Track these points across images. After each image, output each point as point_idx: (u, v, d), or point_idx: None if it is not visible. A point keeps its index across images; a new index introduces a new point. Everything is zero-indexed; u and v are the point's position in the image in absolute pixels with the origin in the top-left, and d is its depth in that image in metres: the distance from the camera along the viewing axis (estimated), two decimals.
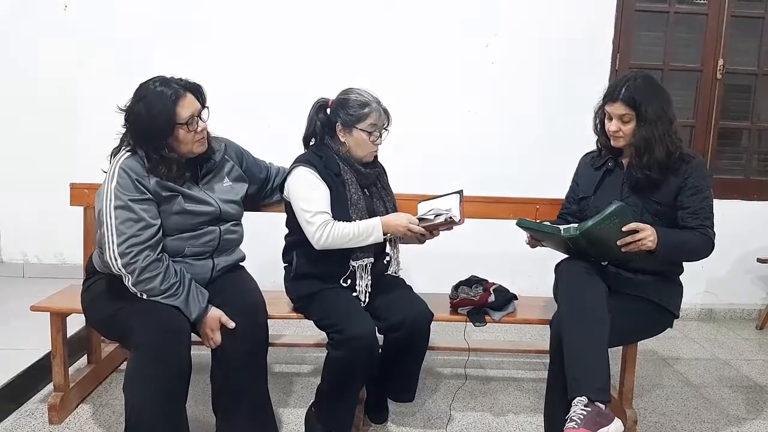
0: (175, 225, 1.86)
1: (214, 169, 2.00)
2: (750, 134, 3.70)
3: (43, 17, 3.45)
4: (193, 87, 1.87)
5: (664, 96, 1.99)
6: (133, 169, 1.78)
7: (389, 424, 2.26)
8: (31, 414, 2.23)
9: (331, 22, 3.43)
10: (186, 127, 1.81)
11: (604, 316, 1.87)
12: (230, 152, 2.08)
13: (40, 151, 3.52)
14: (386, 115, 2.07)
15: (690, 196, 1.98)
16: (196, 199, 1.90)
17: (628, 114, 1.96)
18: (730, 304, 3.73)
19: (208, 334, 1.83)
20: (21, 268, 3.64)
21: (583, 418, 1.70)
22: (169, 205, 1.84)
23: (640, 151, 1.97)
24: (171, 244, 1.85)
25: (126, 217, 1.74)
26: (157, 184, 1.80)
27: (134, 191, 1.76)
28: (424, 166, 3.36)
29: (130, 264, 1.73)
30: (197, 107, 1.85)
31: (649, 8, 3.54)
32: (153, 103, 1.77)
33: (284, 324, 3.09)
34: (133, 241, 1.73)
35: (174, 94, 1.79)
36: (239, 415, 1.87)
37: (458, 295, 2.30)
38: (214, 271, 1.97)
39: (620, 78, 2.04)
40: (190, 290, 1.81)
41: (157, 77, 1.84)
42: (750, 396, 2.64)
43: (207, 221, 1.93)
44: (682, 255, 2.02)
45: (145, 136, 1.80)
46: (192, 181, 1.93)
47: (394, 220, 2.00)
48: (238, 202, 2.04)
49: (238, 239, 2.07)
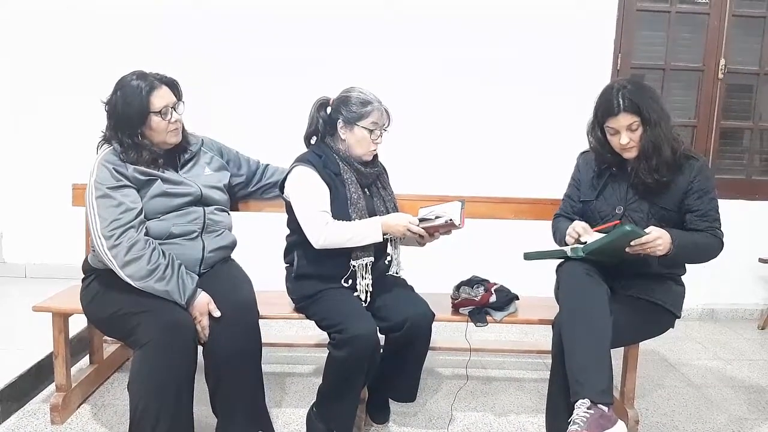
0: (157, 207, 1.91)
1: (193, 159, 2.07)
2: (752, 134, 3.69)
3: (47, 21, 3.46)
4: (170, 81, 1.98)
5: (656, 94, 1.99)
6: (110, 161, 1.88)
7: (391, 424, 2.26)
8: (34, 414, 2.24)
9: (331, 23, 3.43)
10: (160, 116, 1.90)
11: (606, 318, 1.87)
12: (208, 146, 2.16)
13: (42, 151, 3.53)
14: (387, 114, 2.07)
15: (697, 199, 1.97)
16: (175, 182, 1.97)
17: (635, 122, 1.92)
18: (731, 304, 3.73)
19: (197, 317, 1.84)
20: (23, 269, 3.65)
21: (586, 420, 1.69)
22: (149, 188, 1.91)
23: (647, 153, 1.95)
24: (156, 226, 1.90)
25: (107, 204, 1.82)
26: (135, 170, 1.89)
27: (112, 180, 1.85)
28: (426, 167, 3.37)
29: (115, 246, 1.78)
30: (172, 99, 1.95)
31: (651, 8, 3.54)
32: (128, 93, 1.89)
33: (285, 324, 3.09)
34: (116, 224, 1.80)
35: (149, 86, 1.90)
36: (235, 415, 1.88)
37: (460, 295, 2.30)
38: (205, 252, 1.99)
39: (607, 90, 1.98)
40: (179, 274, 1.84)
41: (136, 71, 1.95)
42: (752, 396, 2.63)
43: (189, 202, 1.98)
44: (695, 257, 2.01)
45: (120, 123, 1.90)
46: (172, 168, 2.00)
47: (394, 220, 2.00)
48: (221, 188, 2.10)
49: (226, 223, 2.10)
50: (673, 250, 1.87)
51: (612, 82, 2.03)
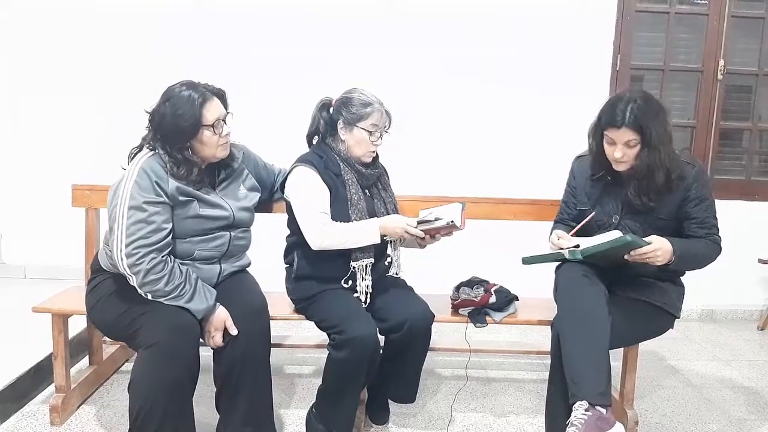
0: (187, 229, 1.86)
1: (232, 176, 2.01)
2: (751, 135, 3.69)
3: (47, 21, 3.46)
4: (219, 92, 1.90)
5: (663, 113, 1.93)
6: (154, 171, 1.79)
7: (390, 425, 2.26)
8: (33, 415, 2.23)
9: (331, 23, 3.43)
10: (212, 130, 1.82)
11: (604, 319, 1.86)
12: (247, 161, 2.09)
13: (42, 152, 3.53)
14: (388, 116, 2.08)
15: (695, 206, 1.97)
16: (212, 204, 1.90)
17: (634, 139, 1.88)
18: (731, 305, 3.73)
19: (211, 332, 1.83)
20: (23, 270, 3.65)
21: (584, 422, 1.69)
22: (184, 209, 1.84)
23: (640, 175, 1.92)
24: (181, 247, 1.86)
25: (138, 218, 1.74)
26: (177, 189, 1.81)
27: (151, 193, 1.77)
28: (426, 168, 3.37)
29: (136, 265, 1.73)
30: (222, 111, 1.88)
31: (650, 9, 3.55)
32: (179, 104, 1.79)
33: (285, 325, 3.09)
34: (141, 243, 1.73)
35: (201, 97, 1.81)
36: (237, 416, 1.88)
37: (459, 296, 2.30)
38: (220, 276, 1.98)
39: (616, 99, 1.94)
40: (196, 288, 1.81)
41: (185, 81, 1.86)
42: (751, 397, 2.63)
43: (220, 227, 1.93)
44: (694, 265, 2.01)
45: (170, 136, 1.81)
46: (209, 186, 1.94)
47: (392, 222, 2.00)
48: (250, 209, 2.06)
49: (246, 245, 2.08)
50: (673, 261, 1.88)
51: (624, 92, 1.97)
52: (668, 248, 1.86)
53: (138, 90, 1.93)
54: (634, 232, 1.94)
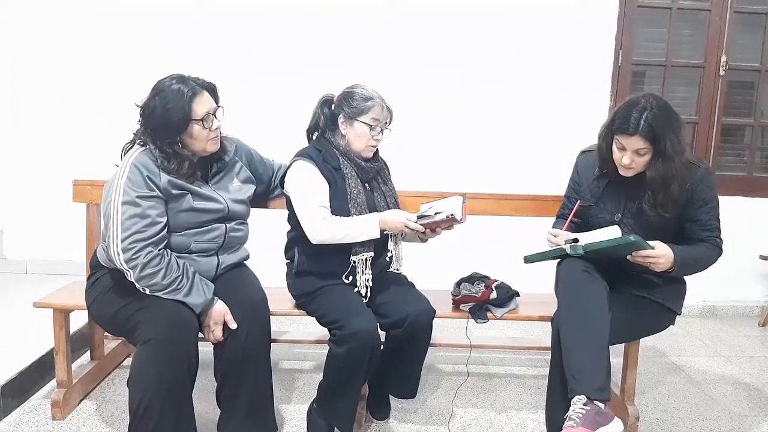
0: (182, 222, 1.86)
1: (225, 169, 2.01)
2: (753, 131, 3.68)
3: (47, 21, 3.45)
4: (209, 86, 1.89)
5: (678, 123, 1.88)
6: (145, 166, 1.79)
7: (391, 420, 2.27)
8: (35, 410, 2.24)
9: (332, 23, 3.42)
10: (201, 124, 1.82)
11: (604, 315, 1.87)
12: (240, 153, 2.09)
13: (42, 148, 3.53)
14: (389, 112, 2.08)
15: (698, 208, 1.95)
16: (205, 197, 1.91)
17: (644, 148, 1.84)
18: (732, 301, 3.73)
19: (211, 326, 1.83)
20: (24, 265, 3.65)
21: (582, 417, 1.69)
22: (177, 203, 1.84)
23: (654, 186, 1.88)
24: (176, 240, 1.86)
25: (132, 213, 1.75)
26: (169, 182, 1.81)
27: (144, 187, 1.77)
28: (427, 164, 3.36)
29: (132, 260, 1.73)
30: (213, 106, 1.87)
31: (652, 4, 3.53)
32: (169, 98, 1.79)
33: (286, 320, 3.09)
34: (137, 237, 1.74)
35: (191, 91, 1.81)
36: (238, 412, 1.88)
37: (460, 291, 2.30)
38: (218, 269, 1.98)
39: (631, 104, 1.87)
40: (193, 282, 1.81)
41: (175, 75, 1.85)
42: (752, 393, 2.63)
43: (214, 219, 1.93)
44: (693, 271, 2.00)
45: (160, 130, 1.80)
46: (202, 179, 1.94)
47: (391, 216, 2.00)
48: (245, 201, 2.05)
49: (243, 237, 2.08)
50: (674, 270, 1.88)
51: (640, 97, 1.89)
52: (670, 257, 1.86)
53: (138, 88, 1.92)
54: (635, 231, 1.93)
